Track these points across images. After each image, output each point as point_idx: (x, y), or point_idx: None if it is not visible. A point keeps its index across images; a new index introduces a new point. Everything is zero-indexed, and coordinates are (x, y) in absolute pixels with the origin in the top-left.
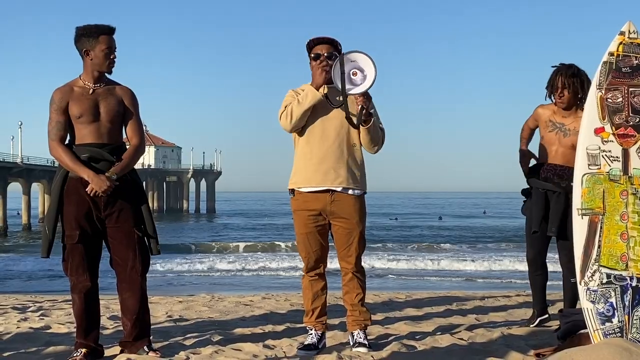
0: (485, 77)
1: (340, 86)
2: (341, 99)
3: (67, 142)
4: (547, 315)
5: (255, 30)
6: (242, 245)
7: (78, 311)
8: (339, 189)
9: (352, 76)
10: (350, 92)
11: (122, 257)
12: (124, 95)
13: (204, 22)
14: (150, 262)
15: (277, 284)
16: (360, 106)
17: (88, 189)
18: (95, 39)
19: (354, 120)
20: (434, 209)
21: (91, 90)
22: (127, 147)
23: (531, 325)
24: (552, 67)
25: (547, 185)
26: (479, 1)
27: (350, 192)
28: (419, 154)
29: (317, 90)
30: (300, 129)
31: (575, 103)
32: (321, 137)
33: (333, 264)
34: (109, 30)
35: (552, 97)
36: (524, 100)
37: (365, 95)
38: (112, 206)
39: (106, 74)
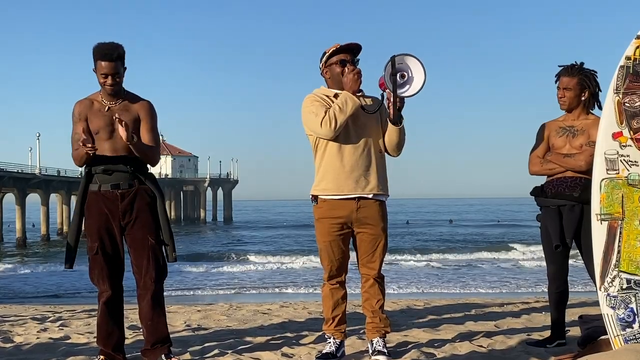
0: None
1: (390, 88)
2: (375, 108)
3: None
4: (564, 341)
5: (269, 38)
6: (259, 253)
7: (98, 318)
8: (369, 196)
9: (399, 78)
10: (402, 94)
11: (138, 264)
12: (140, 109)
13: (218, 31)
14: (167, 269)
15: (295, 292)
16: (397, 107)
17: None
18: (96, 61)
19: (397, 120)
20: (444, 215)
21: (107, 108)
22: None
23: (548, 346)
24: (559, 66)
25: (559, 202)
26: (486, 1)
27: (379, 198)
28: (418, 158)
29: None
30: None
31: (578, 105)
32: (352, 144)
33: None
34: (107, 55)
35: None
36: (527, 105)
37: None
38: (130, 214)
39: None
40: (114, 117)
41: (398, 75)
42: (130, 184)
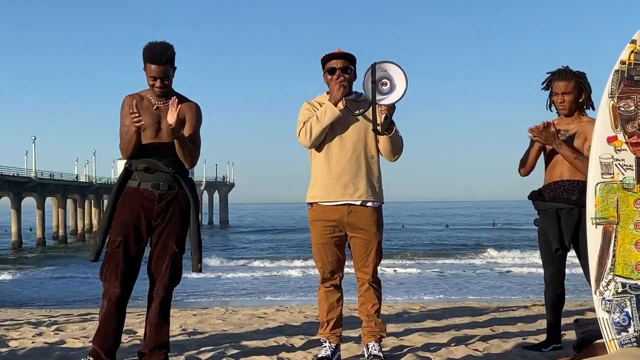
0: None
1: (369, 95)
2: (361, 110)
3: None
4: (560, 345)
5: (267, 42)
6: (255, 257)
7: (101, 316)
8: (357, 203)
9: (381, 86)
10: (380, 102)
11: (156, 268)
12: (187, 110)
13: (215, 31)
14: (181, 277)
15: (291, 297)
16: (384, 115)
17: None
18: (145, 63)
19: (379, 129)
20: (441, 219)
21: (155, 107)
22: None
23: (544, 350)
24: (547, 73)
25: (557, 205)
26: (484, 3)
27: (369, 204)
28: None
29: (335, 105)
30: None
31: (577, 107)
32: (339, 151)
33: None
34: (156, 59)
35: (553, 106)
36: (525, 105)
37: (391, 105)
38: (163, 217)
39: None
40: (171, 101)
41: (380, 83)
42: (170, 186)
